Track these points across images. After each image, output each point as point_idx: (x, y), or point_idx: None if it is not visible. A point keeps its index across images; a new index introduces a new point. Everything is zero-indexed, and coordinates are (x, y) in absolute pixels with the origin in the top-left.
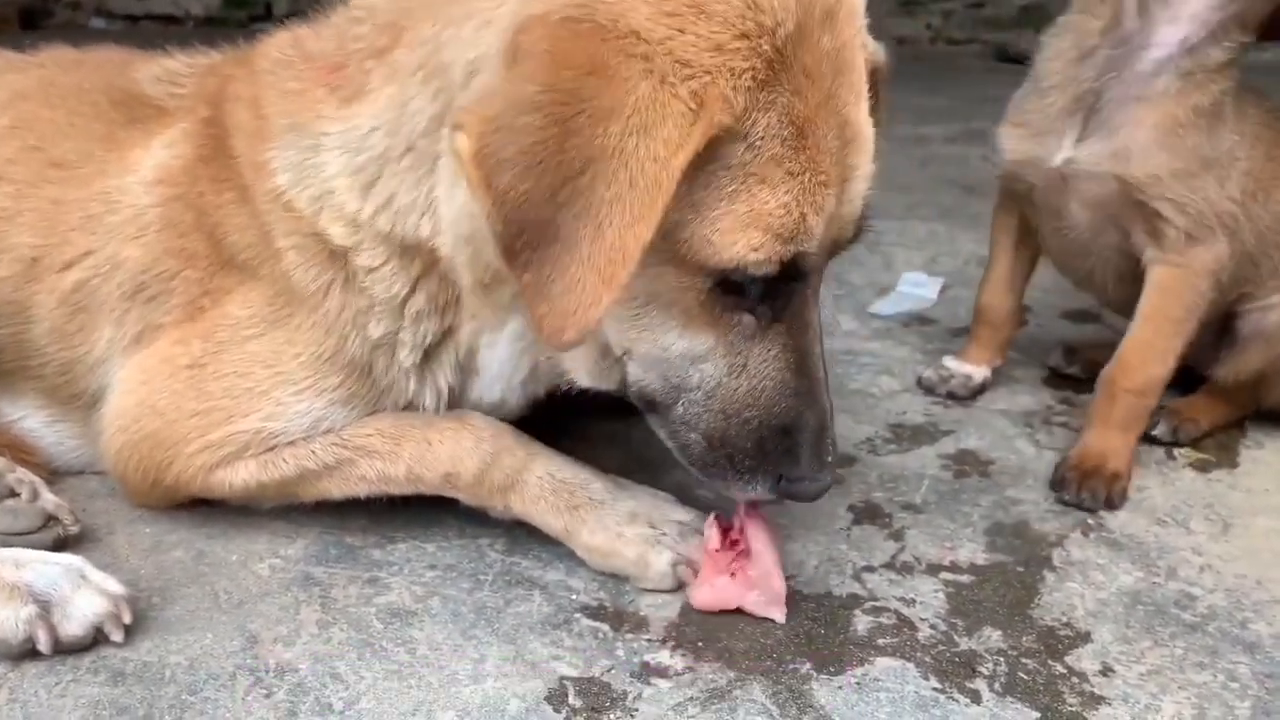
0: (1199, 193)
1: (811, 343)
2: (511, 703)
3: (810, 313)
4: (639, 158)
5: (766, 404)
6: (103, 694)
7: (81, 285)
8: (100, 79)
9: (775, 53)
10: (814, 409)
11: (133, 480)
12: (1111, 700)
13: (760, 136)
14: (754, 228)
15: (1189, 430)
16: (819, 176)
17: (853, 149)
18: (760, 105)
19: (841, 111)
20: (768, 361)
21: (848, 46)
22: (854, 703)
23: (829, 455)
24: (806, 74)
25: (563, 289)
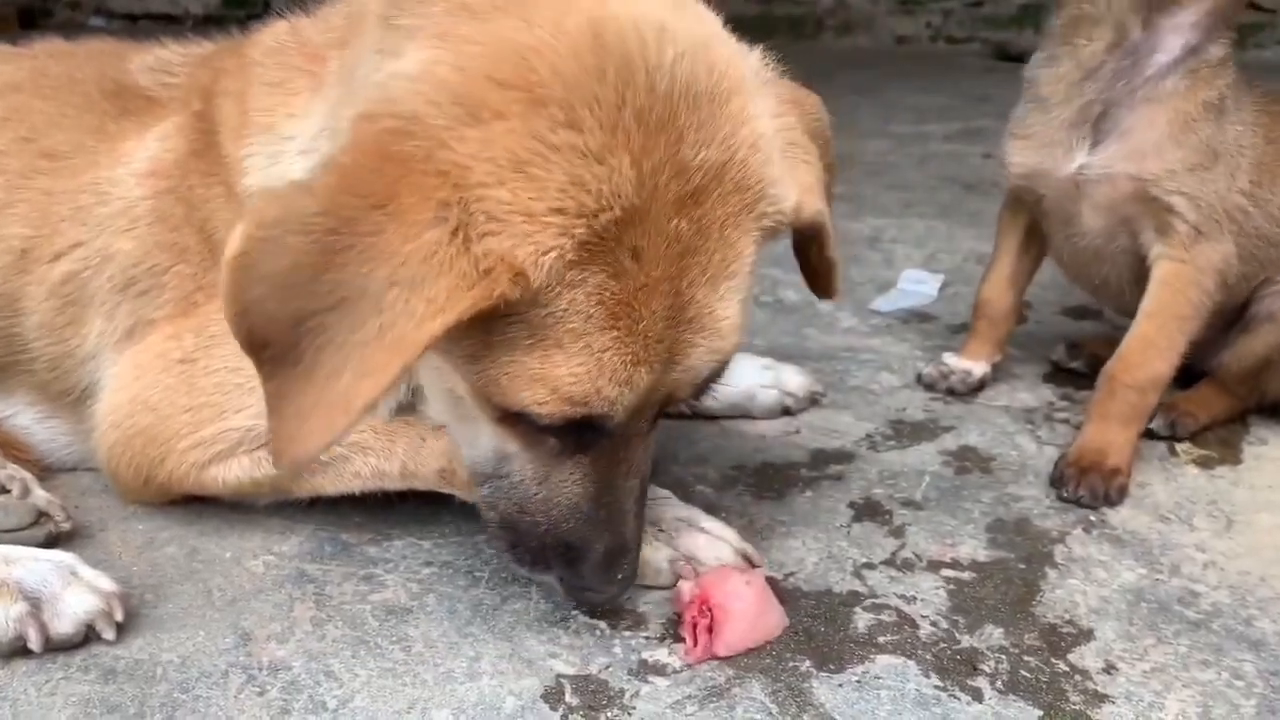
0: (1210, 185)
1: (620, 477)
2: (508, 700)
3: (625, 450)
4: (395, 311)
5: (557, 518)
6: (94, 692)
7: (71, 277)
8: (93, 70)
9: (592, 235)
10: (606, 537)
11: (125, 477)
12: (1115, 698)
13: (562, 309)
14: (541, 385)
15: (1186, 424)
16: (626, 355)
17: (690, 329)
18: (565, 281)
19: (683, 293)
20: (566, 483)
21: (711, 225)
22: (854, 700)
23: (619, 575)
24: (635, 257)
25: (294, 413)
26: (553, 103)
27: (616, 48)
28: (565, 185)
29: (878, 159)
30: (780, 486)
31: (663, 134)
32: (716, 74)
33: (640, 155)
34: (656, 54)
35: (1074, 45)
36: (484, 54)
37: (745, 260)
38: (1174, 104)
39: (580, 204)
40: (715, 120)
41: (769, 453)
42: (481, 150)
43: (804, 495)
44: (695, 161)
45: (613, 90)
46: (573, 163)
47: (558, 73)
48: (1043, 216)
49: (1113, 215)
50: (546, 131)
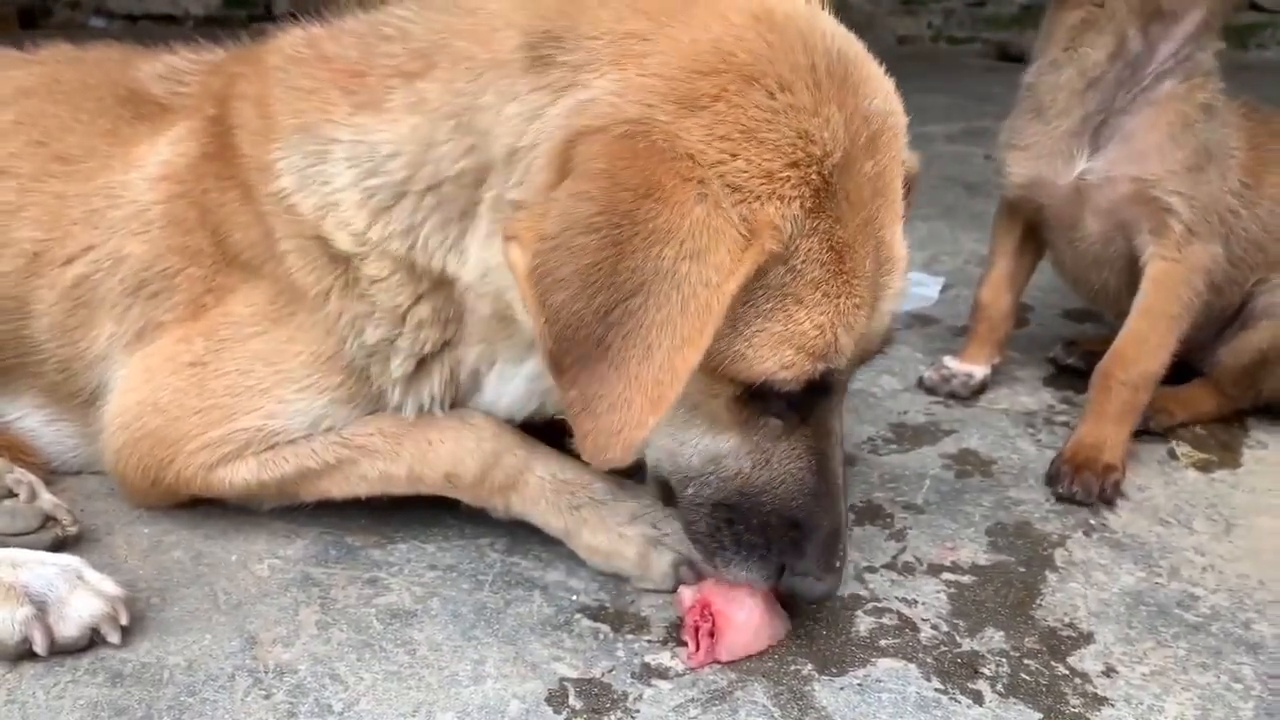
0: (1204, 186)
1: (833, 448)
2: (511, 704)
3: (833, 420)
4: (691, 282)
5: (784, 496)
6: (101, 695)
7: (83, 280)
8: (104, 76)
9: (823, 181)
10: (829, 514)
11: (133, 479)
12: (1114, 701)
13: (802, 260)
14: (787, 346)
15: (1161, 420)
16: (853, 299)
17: (887, 269)
18: (805, 231)
19: (879, 234)
20: (790, 459)
21: (888, 169)
22: (855, 704)
23: (838, 562)
24: (849, 200)
25: (609, 407)
26: (763, 75)
27: (789, 25)
28: (794, 140)
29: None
30: None
31: (848, 88)
32: (854, 43)
33: (841, 106)
34: (820, 27)
35: (1077, 53)
36: (675, 57)
37: (902, 206)
38: (1173, 106)
39: (809, 153)
40: (873, 77)
41: None
42: (710, 132)
43: None
44: (873, 110)
45: (805, 55)
46: (798, 119)
47: (754, 52)
48: (1042, 224)
49: (1112, 219)
50: (765, 99)
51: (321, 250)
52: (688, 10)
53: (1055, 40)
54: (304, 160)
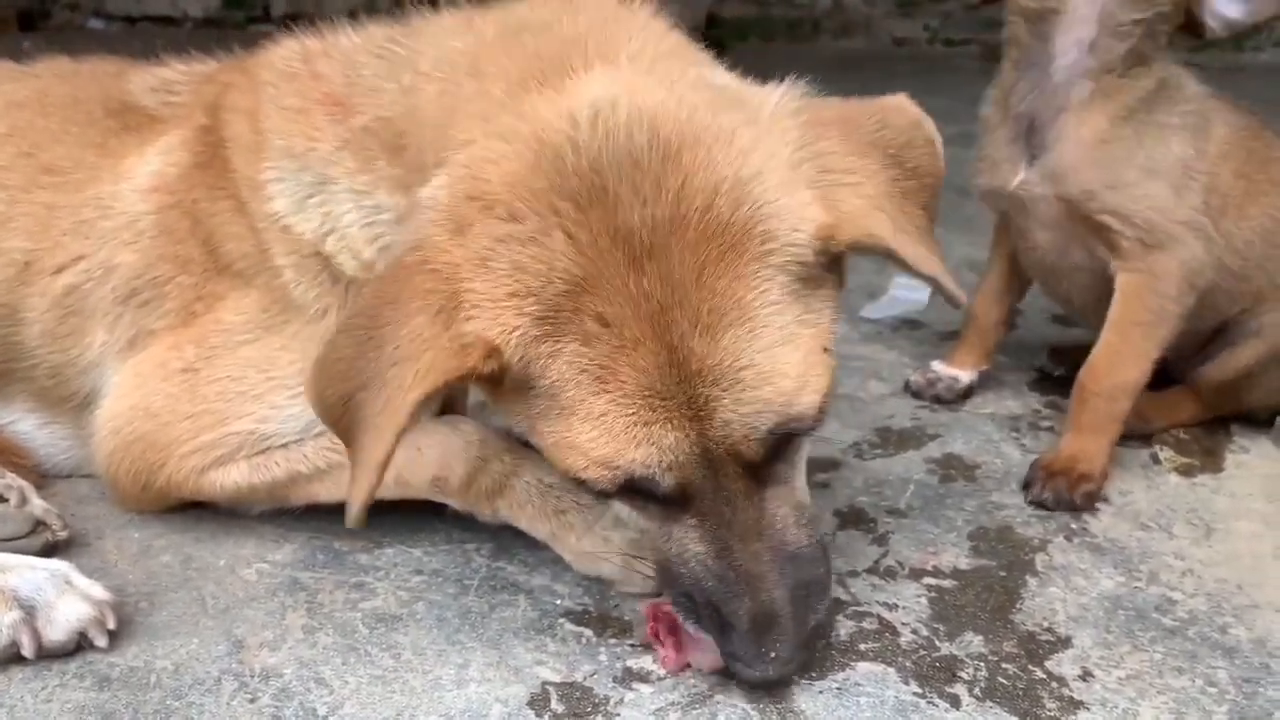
0: (1143, 202)
1: (736, 540)
2: (494, 708)
3: (732, 511)
4: (393, 384)
5: (692, 577)
6: (88, 699)
7: (74, 289)
8: (95, 89)
9: (548, 309)
10: (745, 602)
11: (124, 482)
12: (1090, 705)
13: (555, 380)
14: (575, 452)
15: (1136, 426)
16: (631, 416)
17: (706, 382)
18: (543, 354)
19: (676, 347)
20: (686, 541)
21: (689, 277)
22: (834, 707)
23: (773, 651)
24: (602, 322)
25: (351, 480)
26: (497, 204)
27: (551, 140)
28: (511, 271)
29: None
30: None
31: (596, 206)
32: (664, 134)
33: (574, 230)
34: (589, 134)
35: (1004, 65)
36: (463, 175)
37: (755, 305)
38: (1087, 119)
39: (526, 285)
40: (661, 178)
41: None
42: (464, 253)
43: None
44: (638, 222)
45: (544, 179)
46: (513, 250)
47: (500, 178)
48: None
49: (1058, 231)
50: (495, 228)
51: (322, 267)
52: (497, 119)
53: None
54: (300, 189)
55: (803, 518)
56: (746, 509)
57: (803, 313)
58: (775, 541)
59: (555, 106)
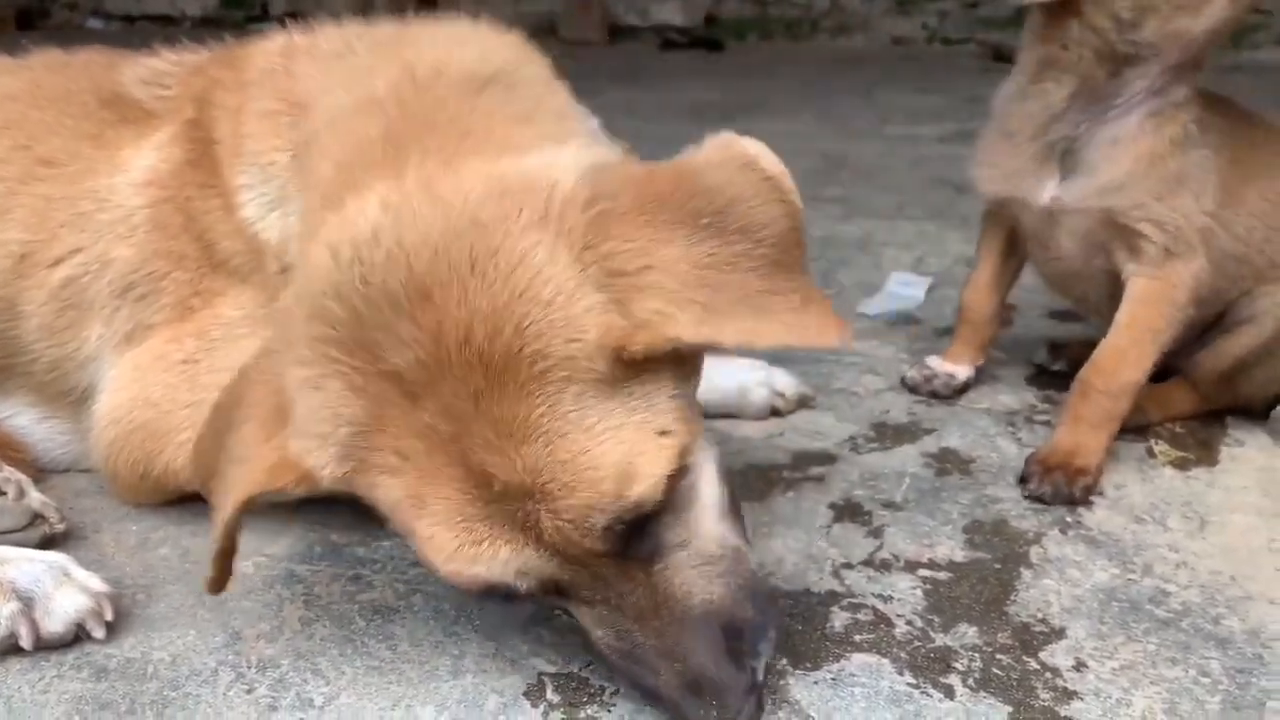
0: (1178, 210)
1: (629, 621)
2: (490, 698)
3: (616, 598)
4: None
5: (614, 659)
6: (86, 690)
7: (71, 282)
8: (88, 80)
9: (344, 451)
10: (665, 676)
11: (123, 472)
12: (1084, 695)
13: (382, 504)
14: (430, 558)
15: (1136, 418)
16: (459, 538)
17: (515, 497)
18: (361, 486)
19: (477, 471)
20: (588, 628)
21: (465, 407)
22: (829, 698)
23: (714, 710)
24: (401, 455)
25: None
26: (292, 347)
27: (319, 283)
28: (306, 414)
29: (871, 161)
30: (762, 488)
31: (361, 352)
32: (418, 271)
33: (350, 374)
34: (348, 278)
35: (1042, 87)
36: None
37: (542, 421)
38: (1141, 142)
39: (320, 429)
40: (418, 319)
41: (752, 454)
42: (290, 379)
43: (785, 496)
44: (403, 365)
45: (318, 325)
46: (306, 394)
47: (293, 324)
48: (1022, 234)
49: (1086, 240)
50: (296, 370)
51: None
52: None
53: (1025, 70)
54: (263, 200)
55: (716, 568)
56: (633, 590)
57: (616, 408)
58: (680, 610)
59: (331, 238)
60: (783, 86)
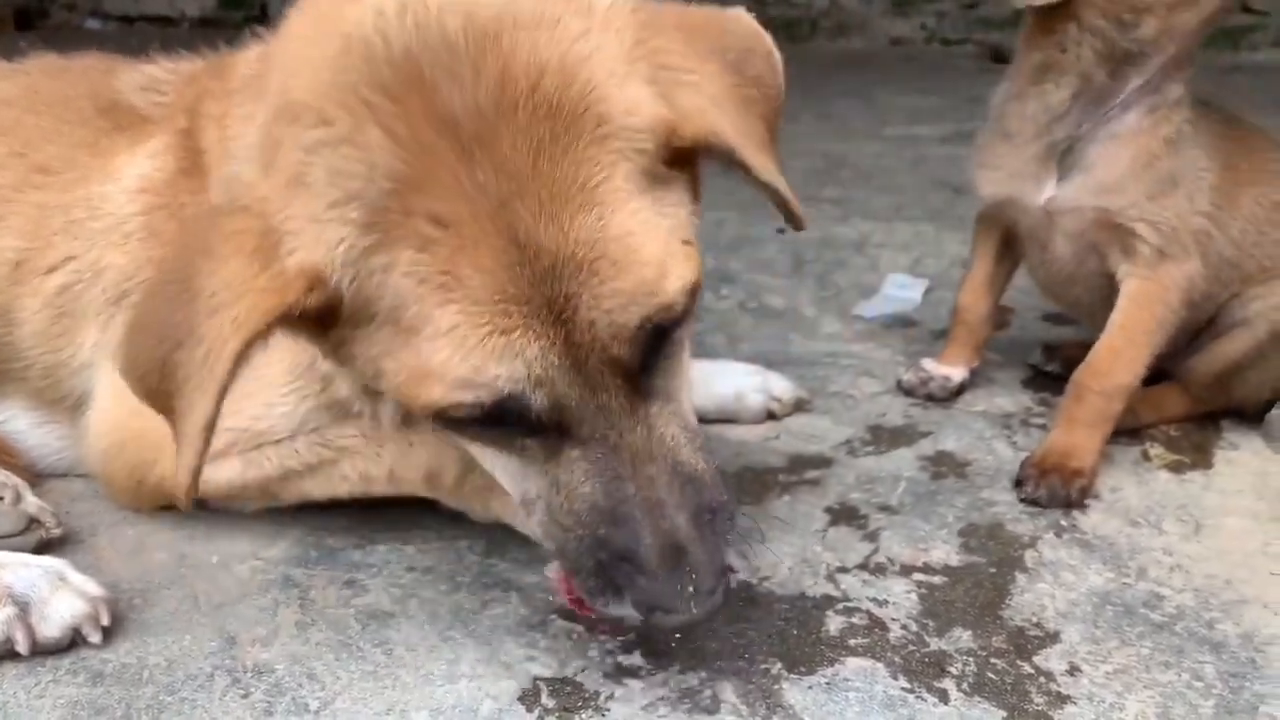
0: (1171, 210)
1: (626, 465)
2: (485, 703)
3: (615, 433)
4: (210, 337)
5: (590, 524)
6: (81, 694)
7: (65, 289)
8: (85, 87)
9: (373, 215)
10: (648, 535)
11: (118, 480)
12: (1077, 699)
13: (394, 300)
14: (431, 379)
15: (1126, 420)
16: (484, 326)
17: (561, 278)
18: (377, 270)
19: (523, 243)
20: (575, 483)
21: (525, 163)
22: (823, 702)
23: (689, 587)
24: (437, 222)
25: (178, 450)
26: (306, 111)
27: (357, 33)
28: (328, 179)
29: (869, 162)
30: (758, 491)
31: (412, 95)
32: (480, 20)
33: (392, 123)
34: (397, 24)
35: (1041, 89)
36: (269, 104)
37: (599, 190)
38: (1137, 141)
39: (346, 190)
40: (479, 63)
41: (748, 458)
42: (275, 181)
43: (781, 500)
44: (460, 108)
45: (352, 73)
46: (327, 156)
47: (307, 85)
48: (1018, 236)
49: (1082, 241)
50: (305, 137)
51: None
52: (300, 26)
53: (1022, 73)
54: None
55: (695, 440)
56: (632, 428)
57: (653, 203)
58: (670, 463)
59: (361, 4)
60: None
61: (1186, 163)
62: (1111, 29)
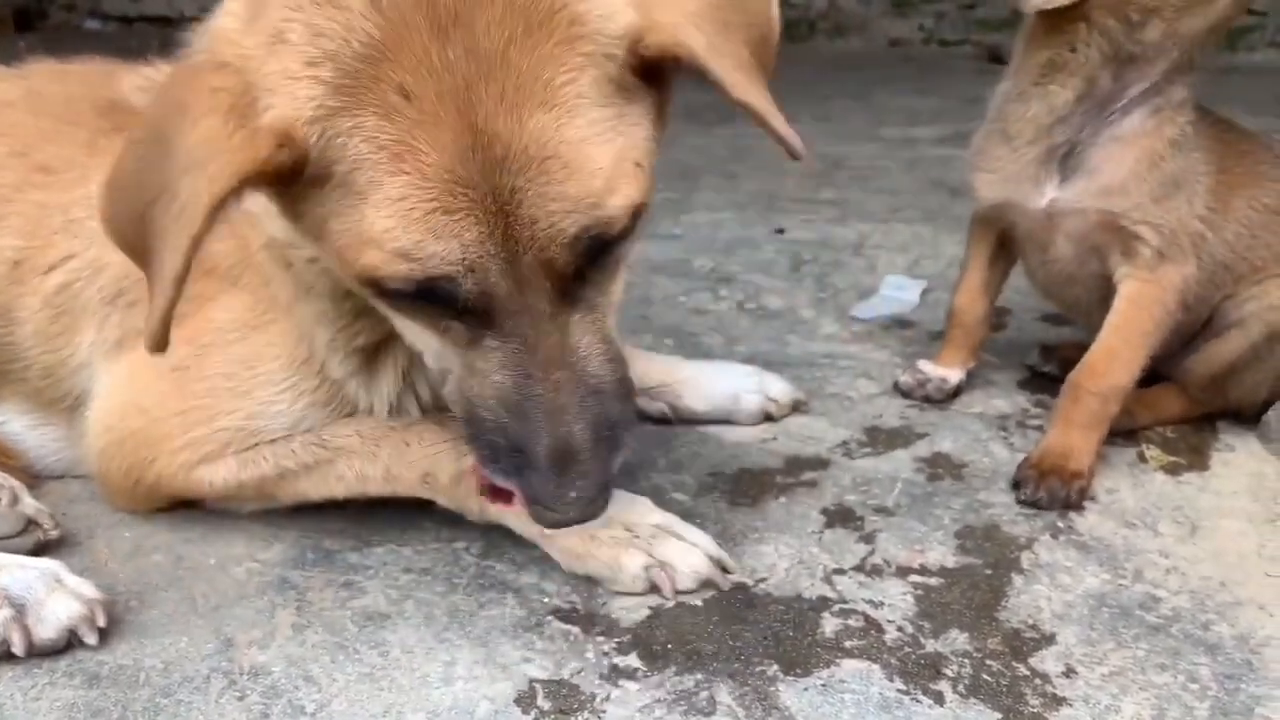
0: (1173, 213)
1: (537, 366)
2: (481, 704)
3: (535, 334)
4: (185, 192)
5: (494, 409)
6: (78, 697)
7: (64, 288)
8: (85, 89)
9: (344, 76)
10: (544, 436)
11: (115, 479)
12: (1073, 701)
13: (351, 160)
14: (370, 246)
15: (1122, 422)
16: (430, 202)
17: (512, 171)
18: (339, 130)
19: (480, 128)
20: (487, 371)
21: (495, 51)
22: (819, 704)
23: (573, 491)
24: (403, 93)
25: (150, 297)
26: None
27: None
28: (308, 39)
29: (867, 164)
30: (755, 493)
31: None
32: None
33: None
34: None
35: (1045, 90)
36: None
37: (562, 90)
38: (1141, 143)
39: (323, 49)
40: None
41: (745, 459)
42: (257, 38)
43: (778, 501)
44: None
45: None
46: (309, 15)
47: None
48: (1015, 239)
49: (1083, 243)
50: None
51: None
52: None
53: (1025, 73)
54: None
55: (610, 351)
56: (550, 332)
57: (613, 117)
58: (578, 372)
59: None
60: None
61: (1187, 166)
62: (1120, 30)
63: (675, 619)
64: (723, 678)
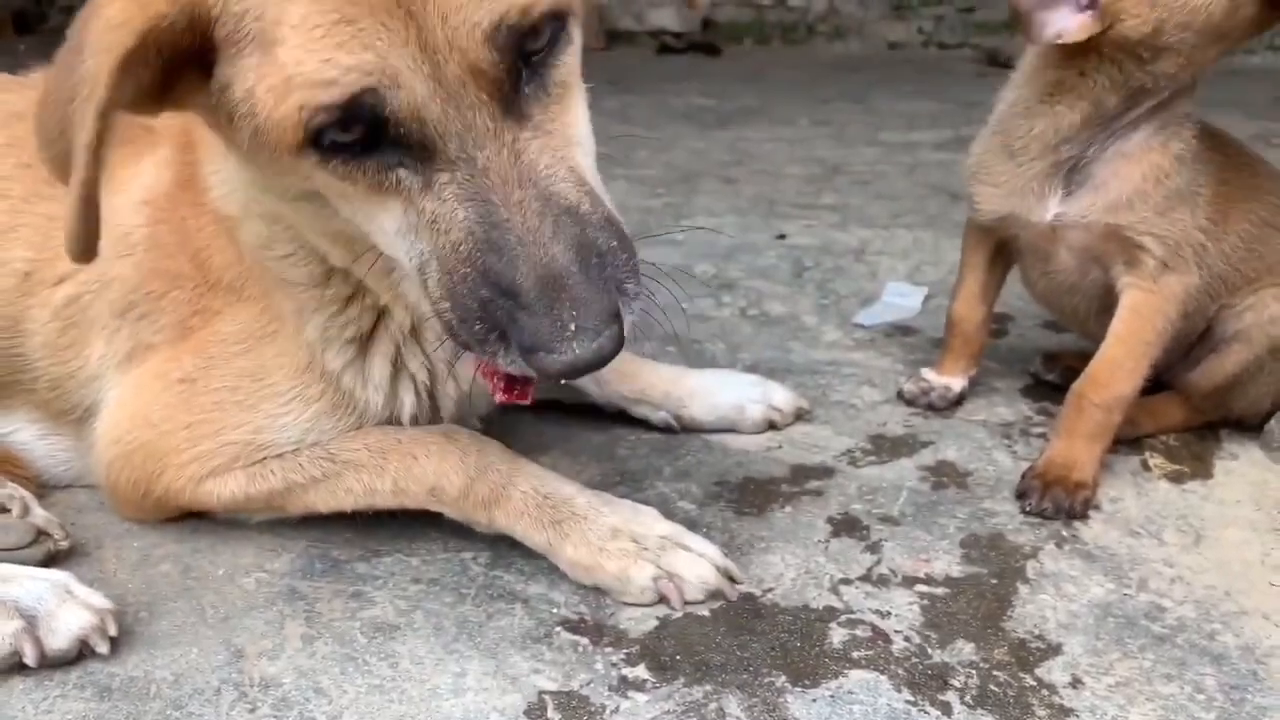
0: (1177, 224)
1: (495, 190)
2: (491, 716)
3: (483, 156)
4: (89, 72)
5: (467, 256)
6: (89, 709)
7: (73, 300)
8: None
9: None
10: (525, 267)
11: (124, 491)
12: (1080, 712)
13: (255, 10)
14: (288, 87)
15: (1125, 430)
16: (336, 15)
17: None
18: None
19: None
20: (449, 213)
21: None
22: (827, 715)
23: (572, 324)
24: None
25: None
26: None
27: None
28: None
29: (867, 168)
30: (761, 502)
31: None
32: None
33: None
34: None
35: (1052, 109)
36: None
37: None
38: (1148, 158)
39: None
40: None
41: (751, 468)
42: None
43: (784, 511)
44: None
45: None
46: None
47: None
48: (1016, 250)
49: (1086, 255)
50: None
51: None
52: None
53: (1031, 88)
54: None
55: (580, 181)
56: (499, 150)
57: None
58: (543, 191)
59: None
60: (779, 91)
61: (1190, 179)
62: (1131, 63)
63: (683, 630)
64: (731, 689)
